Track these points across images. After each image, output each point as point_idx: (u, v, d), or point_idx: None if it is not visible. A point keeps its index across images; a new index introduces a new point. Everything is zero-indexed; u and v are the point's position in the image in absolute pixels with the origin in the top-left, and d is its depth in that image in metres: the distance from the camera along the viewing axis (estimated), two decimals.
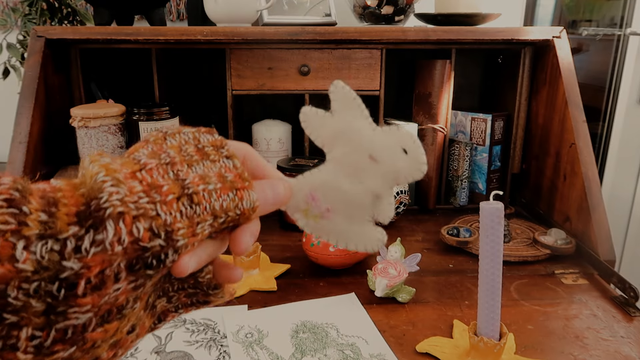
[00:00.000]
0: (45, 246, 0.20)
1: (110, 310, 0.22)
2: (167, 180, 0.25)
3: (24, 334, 0.20)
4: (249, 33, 0.93)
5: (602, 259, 0.79)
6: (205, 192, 0.25)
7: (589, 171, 0.87)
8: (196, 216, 0.25)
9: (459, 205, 1.09)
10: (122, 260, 0.22)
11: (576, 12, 1.97)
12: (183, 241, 0.24)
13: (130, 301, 0.23)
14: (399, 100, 1.19)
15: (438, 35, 0.96)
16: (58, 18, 1.25)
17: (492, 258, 0.53)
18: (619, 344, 0.62)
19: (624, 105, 1.68)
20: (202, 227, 0.25)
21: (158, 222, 0.23)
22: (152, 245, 0.22)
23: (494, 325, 0.55)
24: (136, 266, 0.22)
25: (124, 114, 0.92)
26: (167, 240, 0.23)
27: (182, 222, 0.24)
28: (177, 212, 0.24)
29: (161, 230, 0.23)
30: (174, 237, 0.23)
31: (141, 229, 0.22)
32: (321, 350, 0.60)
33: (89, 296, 0.21)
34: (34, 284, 0.20)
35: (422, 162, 0.32)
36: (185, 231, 0.24)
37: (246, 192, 0.28)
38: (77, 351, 0.22)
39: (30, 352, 0.21)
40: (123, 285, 0.22)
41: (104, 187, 0.22)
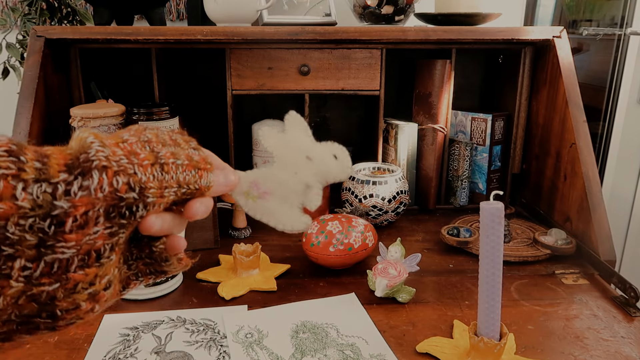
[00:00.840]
0: (40, 188, 0.25)
1: (89, 253, 0.26)
2: (144, 151, 0.30)
3: (17, 264, 0.24)
4: (249, 33, 0.93)
5: (603, 259, 0.79)
6: (174, 164, 0.31)
7: (590, 171, 0.87)
8: (165, 181, 0.30)
9: (459, 205, 1.09)
10: (102, 206, 0.26)
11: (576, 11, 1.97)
12: (152, 199, 0.29)
13: (107, 250, 0.27)
14: (399, 100, 1.19)
15: (438, 35, 0.96)
16: (58, 18, 1.25)
17: (492, 258, 0.53)
18: (619, 344, 0.61)
19: (624, 105, 1.68)
20: (168, 192, 0.30)
21: (134, 178, 0.28)
22: (127, 197, 0.27)
23: (494, 326, 0.55)
24: (112, 214, 0.27)
25: (123, 114, 0.91)
26: (140, 195, 0.28)
27: (154, 183, 0.29)
28: (151, 175, 0.29)
29: (136, 186, 0.28)
30: (146, 193, 0.28)
31: (120, 182, 0.27)
32: (321, 351, 0.60)
33: (74, 233, 0.25)
34: (29, 220, 0.24)
35: (348, 167, 0.44)
36: (155, 191, 0.29)
37: (205, 173, 0.34)
38: (60, 289, 0.26)
39: (21, 281, 0.25)
40: (101, 229, 0.26)
41: (92, 146, 0.27)
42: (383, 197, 0.95)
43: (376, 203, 0.95)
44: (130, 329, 0.64)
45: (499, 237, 0.52)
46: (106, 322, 0.66)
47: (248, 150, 1.10)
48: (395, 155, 1.08)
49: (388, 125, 1.09)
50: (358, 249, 0.78)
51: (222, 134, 1.05)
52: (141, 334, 0.63)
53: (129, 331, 0.64)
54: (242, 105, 1.18)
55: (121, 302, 0.71)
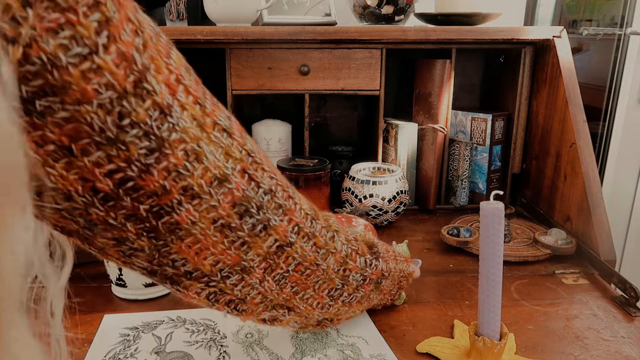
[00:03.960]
0: (363, 258, 0.53)
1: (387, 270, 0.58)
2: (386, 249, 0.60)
3: (346, 292, 0.51)
4: (249, 33, 0.93)
5: (603, 259, 0.79)
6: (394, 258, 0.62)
7: (590, 171, 0.87)
8: (393, 256, 0.61)
9: (459, 205, 1.09)
10: (377, 277, 0.57)
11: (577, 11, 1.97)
12: (386, 270, 0.58)
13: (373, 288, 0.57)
14: (399, 100, 1.19)
15: (438, 35, 0.96)
16: None
17: (492, 258, 0.53)
18: (619, 344, 0.61)
19: (624, 105, 1.68)
20: (390, 275, 0.59)
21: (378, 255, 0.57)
22: (381, 270, 0.57)
23: (495, 326, 0.55)
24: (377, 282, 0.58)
25: None
26: (386, 272, 0.58)
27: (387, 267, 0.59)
28: (388, 261, 0.59)
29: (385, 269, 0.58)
30: (385, 272, 0.58)
31: (385, 268, 0.58)
32: (321, 351, 0.60)
33: (367, 286, 0.54)
34: (358, 274, 0.52)
35: None
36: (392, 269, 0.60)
37: (407, 264, 0.65)
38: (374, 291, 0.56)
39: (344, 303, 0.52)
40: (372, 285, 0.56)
41: (376, 243, 0.59)
42: (383, 197, 0.95)
43: (376, 203, 0.95)
44: (130, 329, 0.64)
45: (499, 237, 0.52)
46: (106, 322, 0.66)
47: None
48: (395, 155, 1.08)
49: (388, 125, 1.09)
50: None
51: None
52: (141, 334, 0.63)
53: (129, 331, 0.64)
54: (242, 105, 1.18)
55: (121, 302, 0.71)
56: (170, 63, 0.30)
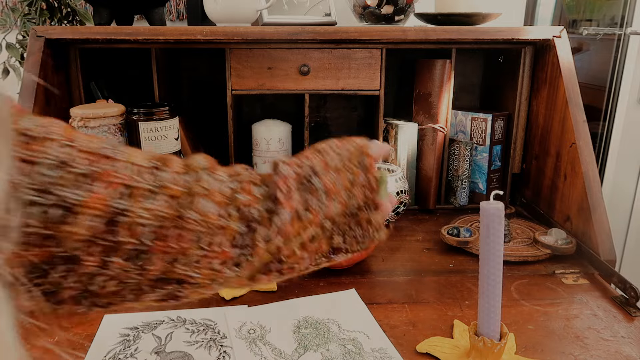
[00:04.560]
0: (262, 188, 0.42)
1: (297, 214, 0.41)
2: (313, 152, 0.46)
3: (261, 232, 0.40)
4: (249, 33, 0.93)
5: (603, 258, 0.79)
6: (330, 149, 0.46)
7: (590, 171, 0.87)
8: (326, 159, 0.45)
9: (459, 205, 1.09)
10: (294, 181, 0.41)
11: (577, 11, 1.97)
12: (319, 167, 0.43)
13: (301, 209, 0.41)
14: (399, 100, 1.19)
15: (438, 35, 0.96)
16: (57, 18, 1.25)
17: (492, 258, 0.53)
18: (619, 344, 0.61)
19: (624, 105, 1.68)
20: (332, 161, 0.44)
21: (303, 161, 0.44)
22: (305, 172, 0.43)
23: (495, 326, 0.55)
24: (299, 185, 0.41)
25: (123, 114, 0.92)
26: (311, 169, 0.43)
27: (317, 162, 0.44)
28: (314, 159, 0.44)
29: (307, 165, 0.43)
30: (313, 167, 0.43)
31: (296, 168, 0.43)
32: (323, 345, 0.60)
33: (284, 200, 0.41)
34: (263, 204, 0.40)
35: None
36: (319, 162, 0.43)
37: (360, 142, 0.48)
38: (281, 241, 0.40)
39: (263, 242, 0.40)
40: (297, 197, 0.41)
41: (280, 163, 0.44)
42: None
43: None
44: (130, 329, 0.64)
45: (499, 237, 0.52)
46: (106, 322, 0.66)
47: (248, 150, 1.10)
48: (395, 155, 1.08)
49: (388, 125, 1.09)
50: None
51: (222, 134, 1.05)
52: (141, 334, 0.63)
53: (129, 331, 0.64)
54: (242, 105, 1.18)
55: None
56: None
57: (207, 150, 1.15)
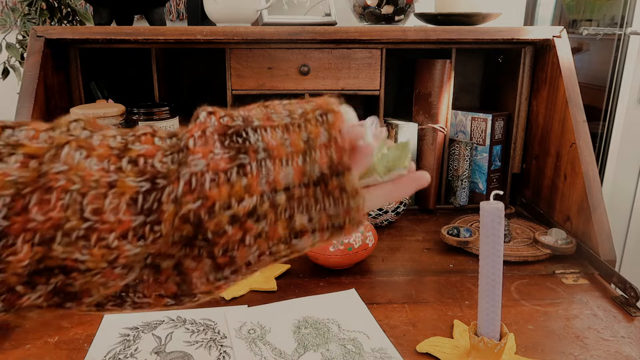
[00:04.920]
0: (172, 139, 0.31)
1: (217, 174, 0.29)
2: (256, 106, 0.34)
3: (167, 191, 0.29)
4: (249, 33, 0.93)
5: (603, 258, 0.79)
6: (279, 104, 0.34)
7: (590, 171, 0.87)
8: (270, 111, 0.33)
9: (459, 205, 1.09)
10: (215, 132, 0.30)
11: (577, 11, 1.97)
12: (258, 122, 0.31)
13: (233, 173, 0.29)
14: (399, 100, 1.19)
15: (438, 35, 0.96)
16: (57, 18, 1.25)
17: (492, 258, 0.53)
18: (619, 344, 0.61)
19: (624, 105, 1.68)
20: (277, 117, 0.32)
21: (238, 113, 0.32)
22: (233, 124, 0.31)
23: (495, 326, 0.55)
24: (225, 142, 0.30)
25: (123, 114, 0.92)
26: (245, 121, 0.31)
27: (257, 113, 0.32)
28: (254, 110, 0.33)
29: (239, 117, 0.32)
30: (249, 119, 0.32)
31: (226, 118, 0.31)
32: (323, 345, 0.60)
33: (199, 147, 0.29)
34: (169, 157, 0.30)
35: None
36: (260, 116, 0.32)
37: (325, 104, 0.34)
38: (202, 209, 0.28)
39: (170, 203, 0.28)
40: (220, 152, 0.29)
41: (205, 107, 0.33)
42: None
43: None
44: (130, 329, 0.64)
45: (499, 237, 0.52)
46: (106, 322, 0.66)
47: None
48: None
49: (388, 125, 1.09)
50: (358, 249, 0.78)
51: None
52: (141, 334, 0.63)
53: (129, 331, 0.64)
54: (242, 105, 1.18)
55: None
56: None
57: None
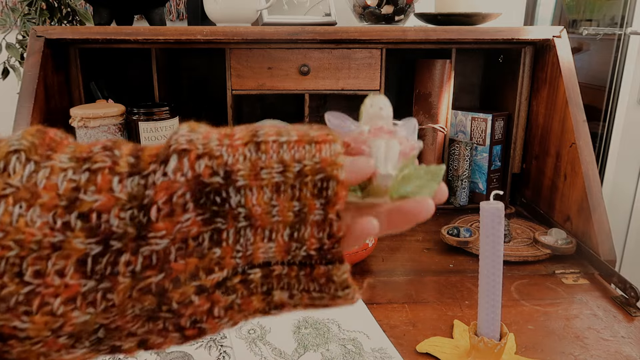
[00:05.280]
0: (133, 180, 0.25)
1: (186, 241, 0.25)
2: (242, 132, 0.27)
3: (123, 259, 0.24)
4: (249, 33, 0.93)
5: (603, 258, 0.79)
6: (274, 142, 0.26)
7: (590, 171, 0.87)
8: (260, 162, 0.26)
9: (459, 205, 1.09)
10: (187, 191, 0.25)
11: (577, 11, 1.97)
12: (243, 182, 0.25)
13: (205, 239, 0.25)
14: (399, 100, 1.19)
15: (438, 35, 0.96)
16: (57, 18, 1.25)
17: (492, 258, 0.53)
18: (619, 344, 0.61)
19: (624, 105, 1.68)
20: (267, 173, 0.25)
21: (219, 161, 0.25)
22: (212, 182, 0.25)
23: (495, 326, 0.55)
24: (201, 200, 0.25)
25: (123, 114, 0.92)
26: (226, 179, 0.25)
27: (244, 164, 0.25)
28: (241, 155, 0.26)
29: (220, 169, 0.25)
30: (233, 177, 0.25)
31: (202, 165, 0.25)
32: (323, 345, 0.60)
33: (162, 221, 0.24)
34: (128, 212, 0.24)
35: None
36: (246, 173, 0.25)
37: (327, 144, 0.27)
38: (165, 280, 0.25)
39: (127, 276, 0.24)
40: (191, 216, 0.25)
41: (179, 132, 0.26)
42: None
43: None
44: None
45: (499, 237, 0.52)
46: None
47: None
48: None
49: None
50: (358, 249, 0.78)
51: None
52: None
53: None
54: (242, 105, 1.18)
55: None
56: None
57: None
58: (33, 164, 0.24)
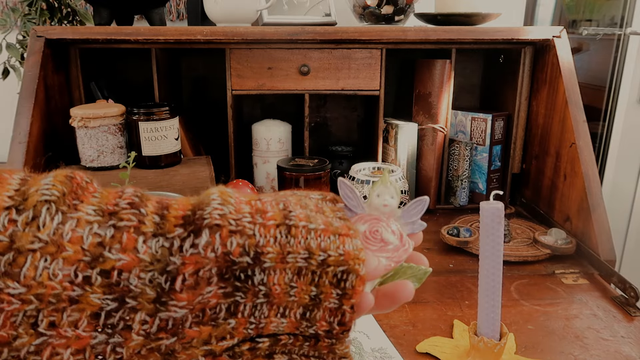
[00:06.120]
0: (158, 242, 0.25)
1: (203, 311, 0.25)
2: (274, 209, 0.27)
3: (138, 318, 0.24)
4: (249, 33, 0.93)
5: (603, 258, 0.79)
6: (304, 228, 0.27)
7: (589, 171, 0.87)
8: (289, 246, 0.26)
9: (459, 205, 1.09)
10: (214, 267, 0.25)
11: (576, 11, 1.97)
12: (269, 264, 0.26)
13: (222, 310, 0.26)
14: (399, 100, 1.19)
15: (438, 35, 0.96)
16: (57, 18, 1.25)
17: (492, 258, 0.53)
18: (619, 344, 0.61)
19: (624, 105, 1.68)
20: (293, 258, 0.27)
21: (251, 241, 0.26)
22: (240, 261, 0.25)
23: (494, 325, 0.55)
24: (226, 275, 0.25)
25: (123, 114, 0.92)
26: (255, 260, 0.26)
27: (273, 247, 0.26)
28: (272, 237, 0.26)
29: (251, 250, 0.26)
30: (262, 258, 0.26)
31: (234, 244, 0.25)
32: None
33: (185, 292, 0.25)
34: (149, 274, 0.24)
35: None
36: (274, 256, 0.26)
37: (349, 239, 0.28)
38: (177, 343, 0.25)
39: (141, 334, 0.25)
40: (214, 289, 0.25)
41: (211, 202, 0.26)
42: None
43: None
44: None
45: (499, 237, 0.52)
46: None
47: (248, 150, 1.10)
48: (395, 155, 1.08)
49: (388, 125, 1.09)
50: None
51: (222, 134, 1.05)
52: None
53: None
54: (242, 106, 1.18)
55: None
56: None
57: (208, 151, 1.15)
58: (61, 214, 0.24)
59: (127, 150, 0.93)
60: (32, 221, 0.24)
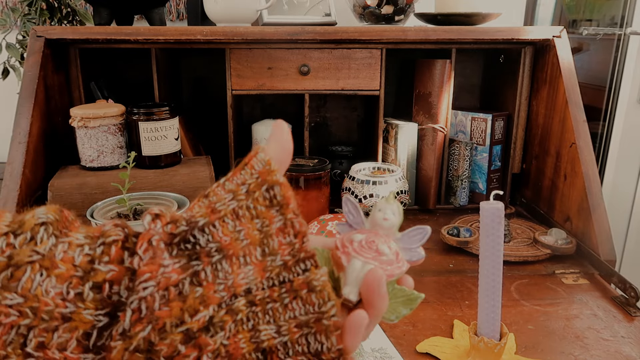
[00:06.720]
0: None
1: (168, 289, 0.25)
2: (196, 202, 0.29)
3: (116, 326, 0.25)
4: (249, 33, 0.93)
5: (603, 258, 0.79)
6: (217, 185, 0.29)
7: (590, 171, 0.87)
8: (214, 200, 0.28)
9: (459, 205, 1.09)
10: (161, 240, 0.26)
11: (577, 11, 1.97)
12: (203, 220, 0.27)
13: (185, 284, 0.26)
14: (399, 100, 1.19)
15: (438, 35, 0.96)
16: (57, 18, 1.25)
17: (492, 258, 0.53)
18: (619, 344, 0.61)
19: (624, 104, 1.68)
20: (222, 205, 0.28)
21: (181, 218, 0.27)
22: (179, 231, 0.26)
23: (495, 325, 0.55)
24: (174, 251, 0.26)
25: (123, 114, 0.92)
26: (189, 224, 0.26)
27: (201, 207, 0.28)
28: (196, 205, 0.28)
29: (183, 221, 0.26)
30: (193, 219, 0.27)
31: (169, 225, 0.26)
32: None
33: (145, 265, 0.25)
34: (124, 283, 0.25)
35: None
36: (203, 212, 0.27)
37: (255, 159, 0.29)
38: (152, 333, 0.25)
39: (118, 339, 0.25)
40: (170, 262, 0.26)
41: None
42: (383, 197, 0.95)
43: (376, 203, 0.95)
44: None
45: (499, 237, 0.52)
46: None
47: (248, 150, 1.10)
48: (395, 155, 1.08)
49: (388, 125, 1.09)
50: None
51: (222, 134, 1.05)
52: None
53: None
54: (241, 105, 1.18)
55: None
56: None
57: (208, 151, 1.15)
58: (54, 238, 0.26)
59: (127, 150, 0.93)
60: (30, 241, 0.25)
